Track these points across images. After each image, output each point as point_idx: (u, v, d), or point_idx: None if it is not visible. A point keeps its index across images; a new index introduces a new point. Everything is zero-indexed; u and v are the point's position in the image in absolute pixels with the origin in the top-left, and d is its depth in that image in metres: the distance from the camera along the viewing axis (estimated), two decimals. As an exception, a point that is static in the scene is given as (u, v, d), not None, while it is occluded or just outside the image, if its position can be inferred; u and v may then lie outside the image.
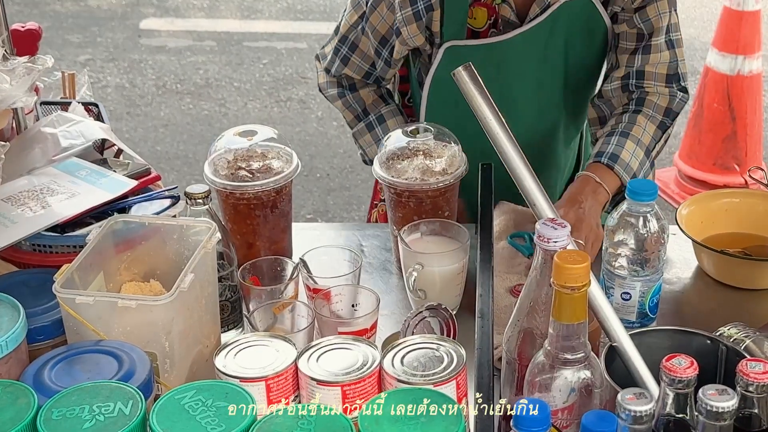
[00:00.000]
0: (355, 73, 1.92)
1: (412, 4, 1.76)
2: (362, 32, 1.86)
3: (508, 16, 1.79)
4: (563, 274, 1.11)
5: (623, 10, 1.81)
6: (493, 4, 1.78)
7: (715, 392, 0.99)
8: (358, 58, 1.90)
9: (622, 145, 1.78)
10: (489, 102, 1.29)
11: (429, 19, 1.78)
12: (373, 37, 1.85)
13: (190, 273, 1.30)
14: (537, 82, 1.86)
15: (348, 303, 1.50)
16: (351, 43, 1.89)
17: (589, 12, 1.81)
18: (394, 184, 1.65)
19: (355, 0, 1.87)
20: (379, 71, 1.90)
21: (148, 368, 1.22)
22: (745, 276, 1.64)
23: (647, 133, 1.82)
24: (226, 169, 1.65)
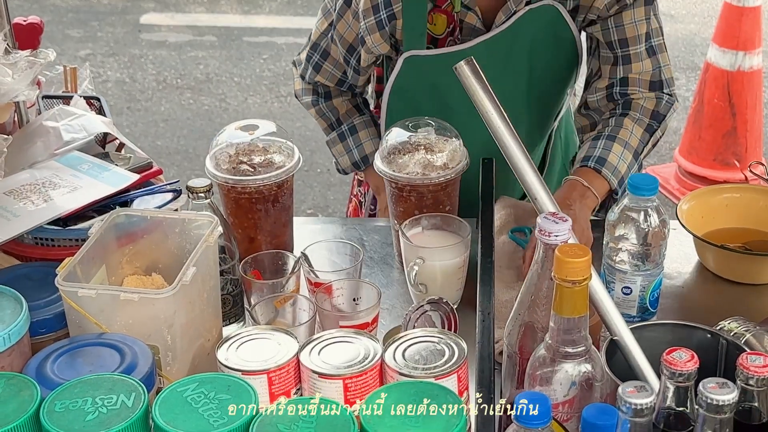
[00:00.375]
0: (328, 81, 1.92)
1: (375, 13, 1.75)
2: (331, 40, 1.86)
3: (473, 23, 1.77)
4: (564, 268, 1.11)
5: (599, 17, 1.78)
6: (453, 12, 1.76)
7: (715, 385, 1.00)
8: (330, 65, 1.89)
9: (609, 149, 1.75)
10: (491, 96, 1.29)
11: (392, 27, 1.76)
12: (340, 46, 1.85)
13: (192, 266, 1.30)
14: (499, 89, 1.82)
15: (349, 297, 1.51)
16: (322, 51, 1.89)
17: (554, 19, 1.78)
18: (395, 178, 1.65)
19: (326, 7, 1.86)
20: (350, 79, 1.89)
21: (150, 361, 1.22)
22: (745, 271, 1.64)
23: (635, 135, 1.79)
24: (228, 164, 1.65)
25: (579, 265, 1.11)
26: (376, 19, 1.75)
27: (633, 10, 1.76)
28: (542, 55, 1.82)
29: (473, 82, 1.29)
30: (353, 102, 1.97)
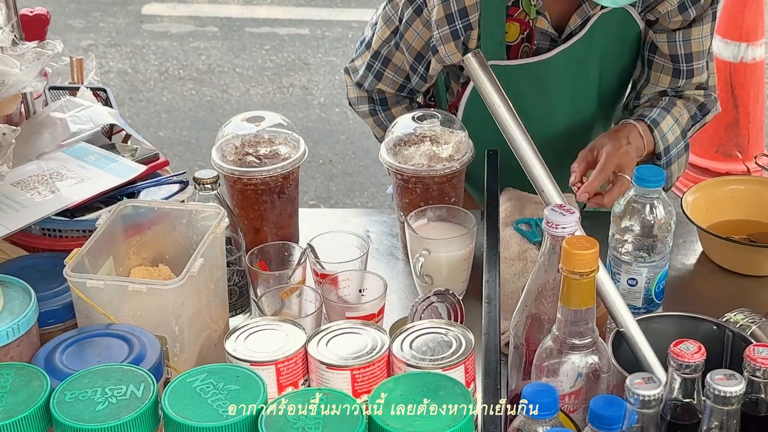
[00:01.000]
0: (389, 87, 1.91)
1: (450, 22, 1.74)
2: (396, 47, 1.85)
3: (545, 28, 1.78)
4: (572, 260, 1.12)
5: (662, 27, 1.80)
6: (527, 19, 1.77)
7: (722, 377, 1.00)
8: (391, 72, 1.89)
9: (663, 117, 1.80)
10: (498, 88, 1.30)
11: (467, 37, 1.77)
12: (408, 54, 1.84)
13: (200, 257, 1.31)
14: (572, 95, 1.86)
15: (355, 288, 1.51)
16: (384, 58, 1.88)
17: (624, 19, 1.80)
18: (401, 170, 1.65)
19: (387, 15, 1.85)
20: (414, 84, 1.89)
21: (158, 352, 1.23)
22: (749, 263, 1.65)
23: (684, 115, 1.84)
24: (234, 155, 1.65)
25: (586, 257, 1.11)
26: (451, 28, 1.75)
27: (701, 26, 1.79)
28: (612, 56, 1.85)
29: (480, 74, 1.29)
30: (410, 108, 1.96)
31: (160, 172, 1.60)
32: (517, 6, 1.76)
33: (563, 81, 1.80)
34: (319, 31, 5.41)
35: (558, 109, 1.86)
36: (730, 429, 1.01)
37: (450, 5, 1.72)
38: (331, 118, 4.62)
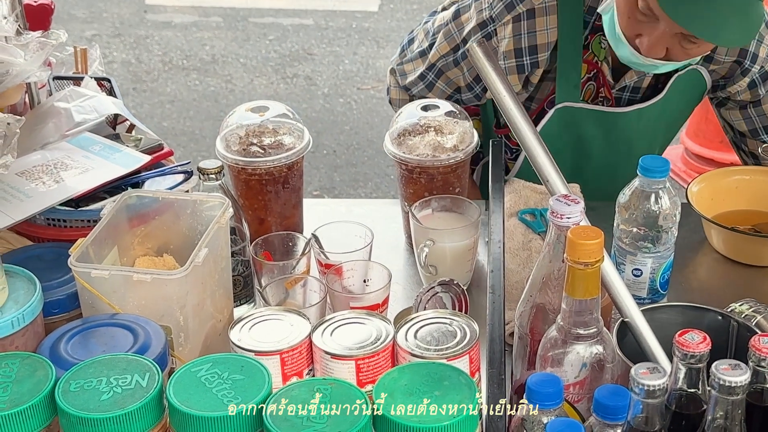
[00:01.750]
0: (437, 97, 1.93)
1: (518, 56, 1.77)
2: (454, 64, 1.87)
3: (606, 73, 1.81)
4: (577, 250, 1.11)
5: (733, 104, 1.86)
6: (595, 60, 1.79)
7: (728, 367, 1.00)
8: (443, 83, 1.91)
9: None
10: (503, 77, 1.29)
11: (532, 73, 1.80)
12: (468, 73, 1.86)
13: (204, 247, 1.31)
14: (638, 144, 1.89)
15: (360, 278, 1.51)
16: (438, 70, 1.90)
17: (696, 79, 1.83)
18: (405, 160, 1.65)
19: (449, 32, 1.86)
20: (464, 99, 1.91)
21: (163, 342, 1.23)
22: (754, 253, 1.64)
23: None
24: (238, 145, 1.65)
25: (591, 247, 1.11)
26: (518, 62, 1.78)
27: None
28: (681, 111, 1.89)
29: (486, 63, 1.29)
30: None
31: (164, 162, 1.60)
32: (587, 48, 1.79)
33: (632, 134, 1.84)
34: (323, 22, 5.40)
35: (621, 156, 1.89)
36: (735, 419, 1.01)
37: (521, 40, 1.75)
38: (335, 108, 4.62)
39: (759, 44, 1.77)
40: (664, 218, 1.44)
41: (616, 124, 1.83)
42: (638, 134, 1.87)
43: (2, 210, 1.44)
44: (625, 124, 1.84)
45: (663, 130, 1.91)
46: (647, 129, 1.87)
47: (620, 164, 1.89)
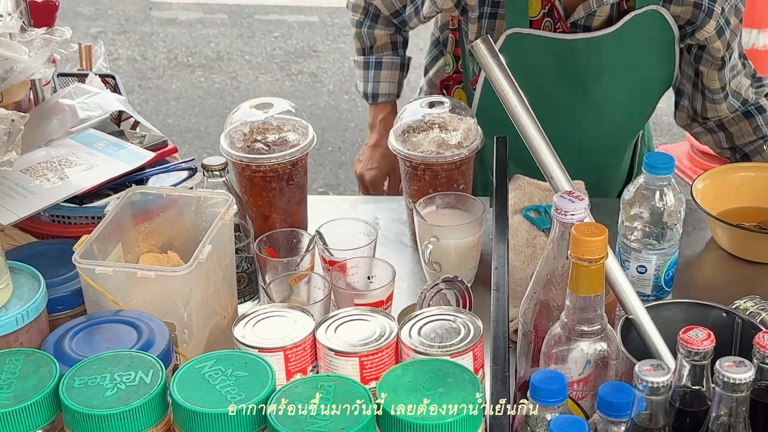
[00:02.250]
0: (385, 8, 1.94)
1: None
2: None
3: (558, 7, 1.79)
4: (581, 247, 1.11)
5: (709, 61, 1.83)
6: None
7: (732, 364, 1.00)
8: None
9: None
10: (507, 75, 1.29)
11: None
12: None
13: (208, 244, 1.31)
14: (593, 82, 1.85)
15: (364, 275, 1.51)
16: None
17: (658, 23, 1.79)
18: (409, 156, 1.65)
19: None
20: (407, 16, 1.92)
21: (167, 338, 1.23)
22: (760, 250, 1.64)
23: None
24: (242, 142, 1.65)
25: (596, 243, 1.11)
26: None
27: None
28: (643, 60, 1.84)
29: (490, 60, 1.28)
30: (393, 38, 2.01)
31: (168, 159, 1.60)
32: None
33: (581, 67, 1.79)
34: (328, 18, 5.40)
35: (574, 100, 1.86)
36: (739, 416, 1.00)
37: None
38: (340, 105, 4.62)
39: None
40: (669, 215, 1.44)
41: (566, 54, 1.79)
42: (591, 69, 1.81)
43: (7, 207, 1.44)
44: (575, 54, 1.79)
45: (626, 79, 1.84)
46: (601, 65, 1.81)
47: (576, 106, 1.86)
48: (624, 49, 1.80)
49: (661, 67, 1.86)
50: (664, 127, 4.58)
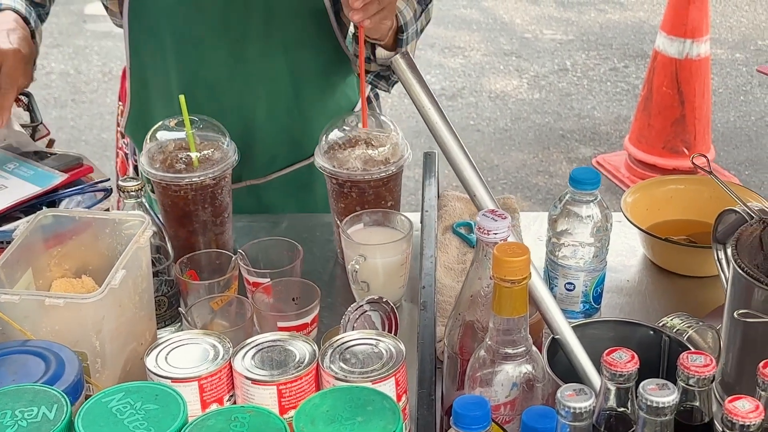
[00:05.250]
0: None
1: None
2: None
3: None
4: (503, 267, 1.08)
5: None
6: None
7: (655, 387, 0.97)
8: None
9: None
10: (427, 90, 1.26)
11: None
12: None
13: (122, 269, 1.26)
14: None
15: (288, 297, 1.47)
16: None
17: None
18: (335, 174, 1.61)
19: None
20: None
21: (77, 369, 1.17)
22: (690, 263, 1.63)
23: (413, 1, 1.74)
24: (163, 161, 1.60)
25: (517, 264, 1.08)
26: None
27: None
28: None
29: (410, 76, 1.25)
30: None
31: (84, 180, 1.54)
32: None
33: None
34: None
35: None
36: (664, 439, 0.98)
37: None
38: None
39: None
40: (596, 231, 1.42)
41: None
42: None
43: None
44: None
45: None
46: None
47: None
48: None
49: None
50: (602, 137, 4.61)
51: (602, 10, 6.17)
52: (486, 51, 5.58)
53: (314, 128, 1.82)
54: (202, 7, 1.67)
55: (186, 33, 1.75)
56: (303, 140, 1.85)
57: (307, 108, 1.81)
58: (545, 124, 4.73)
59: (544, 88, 5.10)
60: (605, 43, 5.63)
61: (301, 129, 1.83)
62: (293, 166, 1.85)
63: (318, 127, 1.81)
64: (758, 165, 4.35)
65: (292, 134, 1.83)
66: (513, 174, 4.31)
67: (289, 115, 1.81)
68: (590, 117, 4.79)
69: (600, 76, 5.16)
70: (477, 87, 5.13)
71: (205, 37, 1.75)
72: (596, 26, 5.90)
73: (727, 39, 5.73)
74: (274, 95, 1.79)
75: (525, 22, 6.00)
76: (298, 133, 1.83)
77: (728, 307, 1.27)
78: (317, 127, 1.82)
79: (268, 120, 1.80)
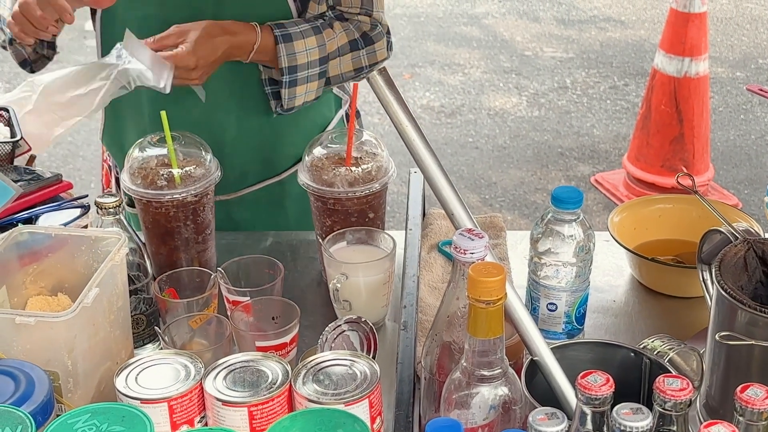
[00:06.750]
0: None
1: None
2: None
3: None
4: (477, 288, 1.06)
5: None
6: None
7: (629, 411, 0.95)
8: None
9: (304, 37, 1.67)
10: (405, 108, 1.24)
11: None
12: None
13: (95, 287, 1.24)
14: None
15: (268, 316, 1.45)
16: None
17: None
18: (320, 192, 1.59)
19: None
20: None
21: (47, 388, 1.15)
22: (677, 284, 1.60)
23: (336, 41, 1.70)
24: (144, 177, 1.58)
25: (493, 284, 1.06)
26: None
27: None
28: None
29: (387, 92, 1.24)
30: None
31: (62, 196, 1.52)
32: None
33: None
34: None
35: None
36: (639, 465, 0.96)
37: None
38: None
39: None
40: (578, 251, 1.39)
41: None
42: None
43: None
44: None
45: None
46: None
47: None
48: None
49: None
50: (601, 155, 4.59)
51: (603, 28, 6.16)
52: (486, 68, 5.57)
53: (286, 145, 1.82)
54: (170, 22, 1.67)
55: None
56: (274, 157, 1.83)
57: (279, 125, 1.80)
58: (544, 142, 4.71)
59: (544, 106, 5.08)
60: (605, 61, 5.62)
61: (273, 146, 1.82)
62: (264, 182, 1.83)
63: (290, 144, 1.81)
64: (758, 184, 4.32)
65: (264, 151, 1.82)
66: (511, 191, 4.29)
67: (260, 132, 1.80)
68: (589, 135, 4.77)
69: (600, 94, 5.15)
70: (476, 104, 5.12)
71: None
72: (596, 44, 5.90)
73: (728, 58, 5.72)
74: (245, 111, 1.78)
75: (525, 39, 5.99)
76: (269, 150, 1.82)
77: (711, 328, 1.24)
78: (289, 144, 1.81)
79: (239, 136, 1.79)
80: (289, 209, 1.89)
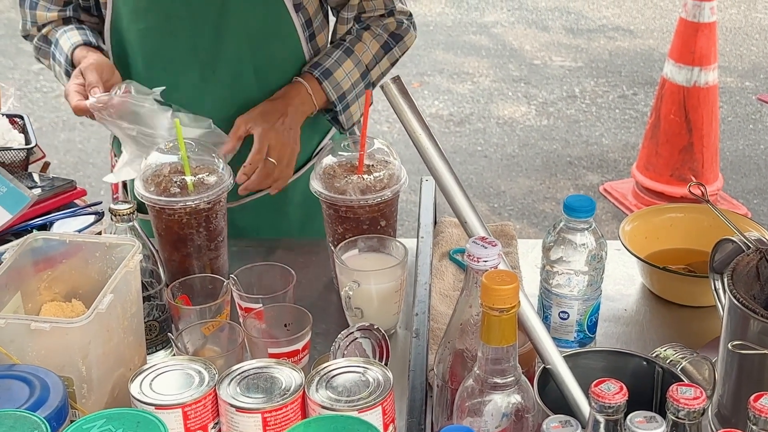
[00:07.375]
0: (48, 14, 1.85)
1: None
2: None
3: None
4: (491, 296, 1.07)
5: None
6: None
7: (643, 420, 0.95)
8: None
9: (340, 64, 1.78)
10: (419, 116, 1.25)
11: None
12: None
13: (110, 294, 1.25)
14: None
15: (280, 323, 1.45)
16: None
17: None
18: (332, 200, 1.60)
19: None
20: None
21: (61, 394, 1.16)
22: (689, 293, 1.60)
23: (369, 51, 1.81)
24: (158, 184, 1.59)
25: (506, 292, 1.06)
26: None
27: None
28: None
29: (401, 101, 1.24)
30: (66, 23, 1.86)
31: (76, 203, 1.53)
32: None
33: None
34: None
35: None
36: (652, 473, 0.96)
37: None
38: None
39: None
40: (591, 259, 1.40)
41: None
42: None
43: None
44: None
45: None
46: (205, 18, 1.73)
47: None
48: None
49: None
50: (610, 164, 4.59)
51: (612, 37, 6.16)
52: (495, 77, 5.57)
53: None
54: (173, 32, 1.70)
55: (156, 56, 1.78)
56: None
57: None
58: (553, 151, 4.71)
59: (553, 115, 5.08)
60: (614, 70, 5.62)
61: None
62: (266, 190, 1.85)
63: None
64: (767, 194, 4.32)
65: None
66: (520, 200, 4.29)
67: None
68: (598, 144, 4.77)
69: (609, 103, 5.15)
70: (485, 113, 5.12)
71: (175, 60, 1.77)
72: (605, 53, 5.90)
73: (737, 67, 5.71)
74: None
75: (534, 48, 6.00)
76: None
77: (724, 338, 1.24)
78: None
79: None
80: (291, 215, 1.91)
